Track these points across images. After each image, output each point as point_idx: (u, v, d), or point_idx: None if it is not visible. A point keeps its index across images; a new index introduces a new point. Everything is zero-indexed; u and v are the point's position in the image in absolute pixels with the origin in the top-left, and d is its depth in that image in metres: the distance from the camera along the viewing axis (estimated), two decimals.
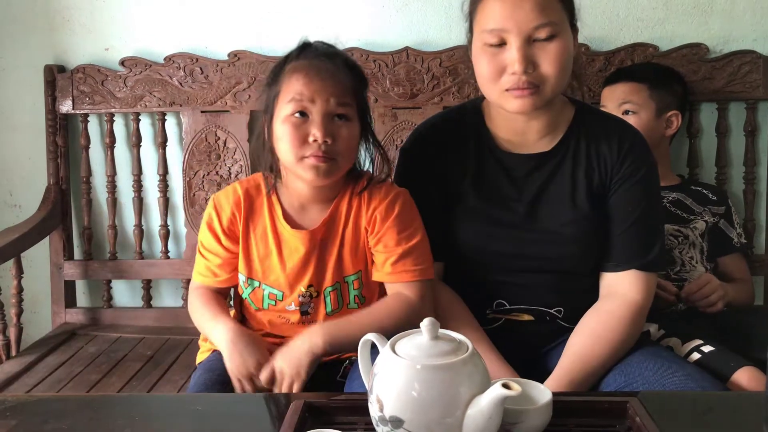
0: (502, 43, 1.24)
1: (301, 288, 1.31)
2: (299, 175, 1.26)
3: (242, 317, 1.40)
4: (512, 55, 1.22)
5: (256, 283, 1.33)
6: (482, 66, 1.27)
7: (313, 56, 1.27)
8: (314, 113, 1.22)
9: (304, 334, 1.24)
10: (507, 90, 1.25)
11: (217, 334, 1.27)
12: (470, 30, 1.33)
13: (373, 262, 1.34)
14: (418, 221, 1.33)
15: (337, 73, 1.25)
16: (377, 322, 1.24)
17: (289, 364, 1.21)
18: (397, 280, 1.30)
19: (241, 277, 1.34)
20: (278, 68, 1.29)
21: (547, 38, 1.22)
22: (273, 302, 1.32)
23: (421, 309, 1.27)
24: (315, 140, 1.22)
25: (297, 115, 1.23)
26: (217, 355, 1.31)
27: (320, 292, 1.32)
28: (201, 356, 1.40)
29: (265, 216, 1.32)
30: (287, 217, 1.32)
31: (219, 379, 1.25)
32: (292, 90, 1.23)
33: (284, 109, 1.24)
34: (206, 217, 1.35)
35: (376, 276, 1.33)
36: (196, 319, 1.35)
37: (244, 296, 1.35)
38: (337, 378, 1.31)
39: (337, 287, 1.32)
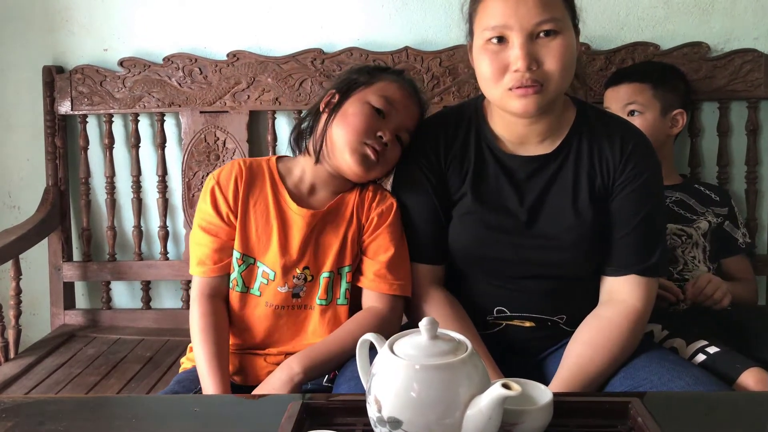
0: (504, 42, 1.21)
1: (297, 270, 1.31)
2: (347, 162, 1.30)
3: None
4: (515, 52, 1.20)
5: (251, 260, 1.32)
6: (484, 65, 1.24)
7: (402, 78, 1.40)
8: (390, 117, 1.33)
9: (282, 367, 1.24)
10: (510, 89, 1.22)
11: (206, 387, 1.26)
12: (470, 32, 1.30)
13: (361, 261, 1.35)
14: (404, 237, 1.36)
15: (415, 97, 1.40)
16: (349, 334, 1.27)
17: None
18: (375, 289, 1.33)
19: (236, 254, 1.32)
20: (366, 72, 1.38)
21: (550, 35, 1.20)
22: (265, 281, 1.31)
23: (391, 320, 1.32)
24: (381, 136, 1.30)
25: (377, 112, 1.31)
26: (193, 372, 1.31)
27: (315, 277, 1.32)
28: (186, 363, 1.40)
29: (267, 192, 1.33)
30: (292, 196, 1.34)
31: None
32: (382, 91, 1.34)
33: (370, 99, 1.32)
34: (207, 192, 1.33)
35: (360, 281, 1.35)
36: (194, 347, 1.30)
37: (233, 276, 1.32)
38: (323, 383, 1.30)
39: (331, 276, 1.32)
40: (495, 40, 1.22)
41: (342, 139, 1.30)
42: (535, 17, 1.19)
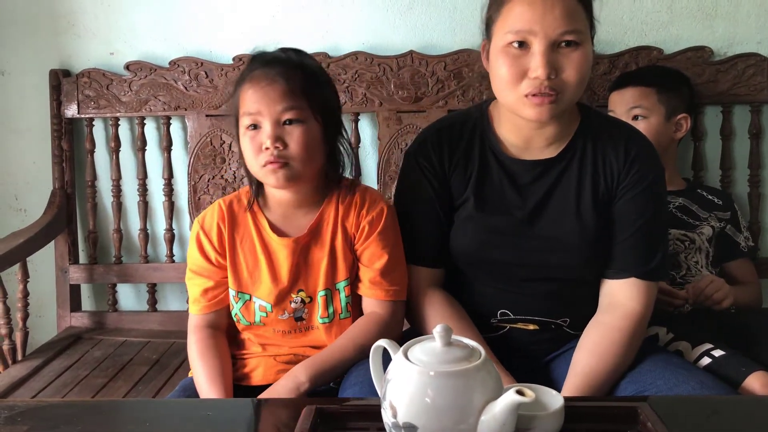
0: (525, 47, 1.21)
1: (292, 295, 1.32)
2: (268, 183, 1.29)
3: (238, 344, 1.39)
4: (536, 59, 1.20)
5: (247, 297, 1.32)
6: (502, 69, 1.23)
7: (259, 66, 1.28)
8: (263, 123, 1.24)
9: (287, 376, 1.25)
10: (527, 95, 1.22)
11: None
12: (487, 33, 1.30)
13: (358, 268, 1.35)
14: (399, 241, 1.36)
15: (279, 78, 1.25)
16: (352, 341, 1.28)
17: None
18: (372, 296, 1.34)
19: (231, 292, 1.33)
20: (236, 84, 1.31)
21: (571, 46, 1.21)
22: (264, 314, 1.32)
23: (391, 324, 1.33)
24: (267, 148, 1.24)
25: (251, 127, 1.25)
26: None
27: (313, 298, 1.33)
28: None
29: (250, 228, 1.33)
30: (273, 227, 1.33)
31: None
32: (245, 105, 1.26)
33: (243, 122, 1.27)
34: (194, 239, 1.34)
35: (358, 288, 1.35)
36: (193, 370, 1.31)
37: (234, 312, 1.34)
38: (330, 385, 1.30)
39: (328, 294, 1.32)
40: (516, 44, 1.22)
41: (254, 173, 1.28)
42: (561, 27, 1.19)
